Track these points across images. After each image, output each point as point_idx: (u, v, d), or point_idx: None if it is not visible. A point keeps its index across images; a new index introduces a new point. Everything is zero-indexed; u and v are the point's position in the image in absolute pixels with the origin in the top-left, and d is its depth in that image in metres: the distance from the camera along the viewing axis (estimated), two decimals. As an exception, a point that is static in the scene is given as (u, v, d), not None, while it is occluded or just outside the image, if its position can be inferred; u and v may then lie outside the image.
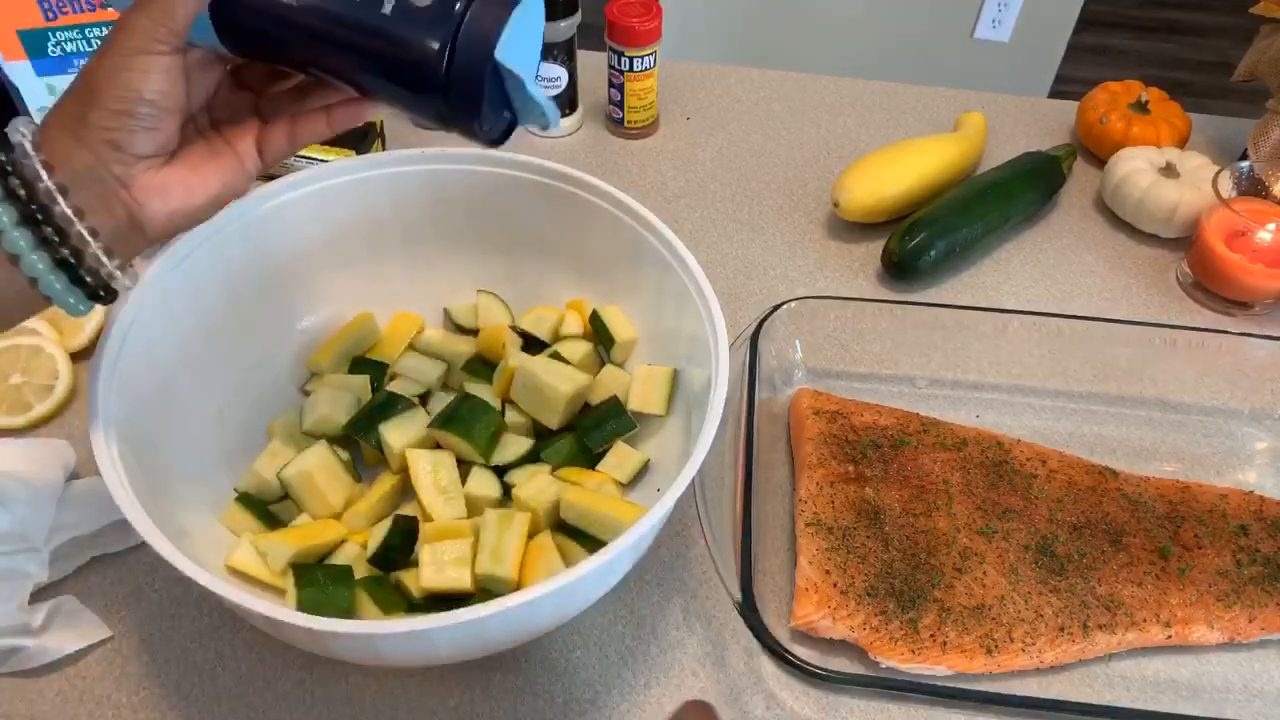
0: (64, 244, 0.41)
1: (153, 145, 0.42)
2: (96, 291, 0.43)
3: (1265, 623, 0.59)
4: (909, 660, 0.56)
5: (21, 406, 0.68)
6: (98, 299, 0.43)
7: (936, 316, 0.72)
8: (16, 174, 0.40)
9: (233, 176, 0.47)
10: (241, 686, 0.57)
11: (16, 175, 0.40)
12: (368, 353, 0.70)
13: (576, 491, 0.60)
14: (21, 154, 0.40)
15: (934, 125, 0.99)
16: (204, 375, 0.63)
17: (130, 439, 0.53)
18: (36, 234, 0.40)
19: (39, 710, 0.56)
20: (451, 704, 0.57)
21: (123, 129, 0.41)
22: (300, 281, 0.69)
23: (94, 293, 0.43)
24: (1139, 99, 0.93)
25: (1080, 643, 0.58)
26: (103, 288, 0.43)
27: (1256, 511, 0.64)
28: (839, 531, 0.61)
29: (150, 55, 0.41)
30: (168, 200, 0.44)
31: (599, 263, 0.69)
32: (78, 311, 0.43)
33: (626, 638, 0.60)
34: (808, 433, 0.67)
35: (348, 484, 0.62)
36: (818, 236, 0.87)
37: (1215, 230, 0.80)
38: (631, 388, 0.65)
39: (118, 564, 0.62)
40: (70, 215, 0.41)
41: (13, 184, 0.40)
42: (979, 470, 0.65)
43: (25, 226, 0.40)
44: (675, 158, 0.95)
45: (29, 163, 0.40)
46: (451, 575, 0.56)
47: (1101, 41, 2.62)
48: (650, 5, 0.89)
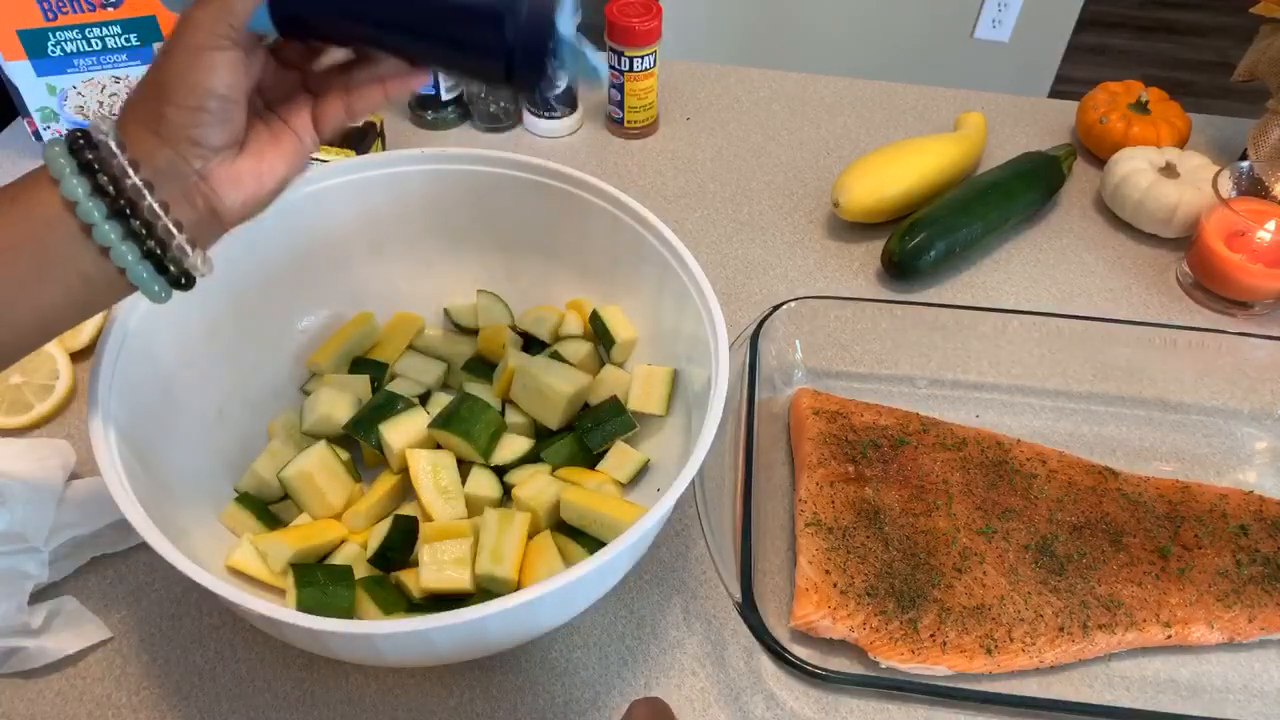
0: (150, 236, 0.43)
1: (226, 137, 0.44)
2: (178, 279, 0.45)
3: (1265, 623, 0.59)
4: (909, 660, 0.56)
5: (21, 406, 0.68)
6: (178, 286, 0.45)
7: (936, 316, 0.72)
8: (104, 171, 0.42)
9: (296, 157, 0.49)
10: (241, 686, 0.57)
11: (104, 173, 0.42)
12: (368, 353, 0.70)
13: (576, 491, 0.60)
14: (107, 152, 0.42)
15: (934, 125, 0.99)
16: (204, 375, 0.63)
17: (130, 439, 0.53)
18: (125, 227, 0.42)
19: (39, 710, 0.56)
20: (451, 704, 0.57)
21: (199, 125, 0.43)
22: (300, 282, 0.69)
23: (175, 280, 0.45)
24: (1139, 99, 0.93)
25: (1080, 643, 0.58)
26: (183, 275, 0.45)
27: (1256, 511, 0.64)
28: (839, 531, 0.61)
29: (215, 51, 0.42)
30: (242, 189, 0.46)
31: (599, 263, 0.69)
32: (159, 299, 0.45)
33: (626, 638, 0.60)
34: (808, 433, 0.67)
35: (348, 484, 0.62)
36: (818, 236, 0.87)
37: (1215, 230, 0.80)
38: (631, 388, 0.65)
39: (118, 564, 0.62)
40: (157, 209, 0.43)
41: (101, 180, 0.42)
42: (979, 470, 0.65)
43: (115, 219, 0.42)
44: (675, 158, 0.95)
45: (116, 161, 0.42)
46: (451, 575, 0.56)
47: (1101, 41, 2.62)
48: (650, 5, 0.89)
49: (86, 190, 0.42)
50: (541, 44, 0.44)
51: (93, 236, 0.42)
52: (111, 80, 0.86)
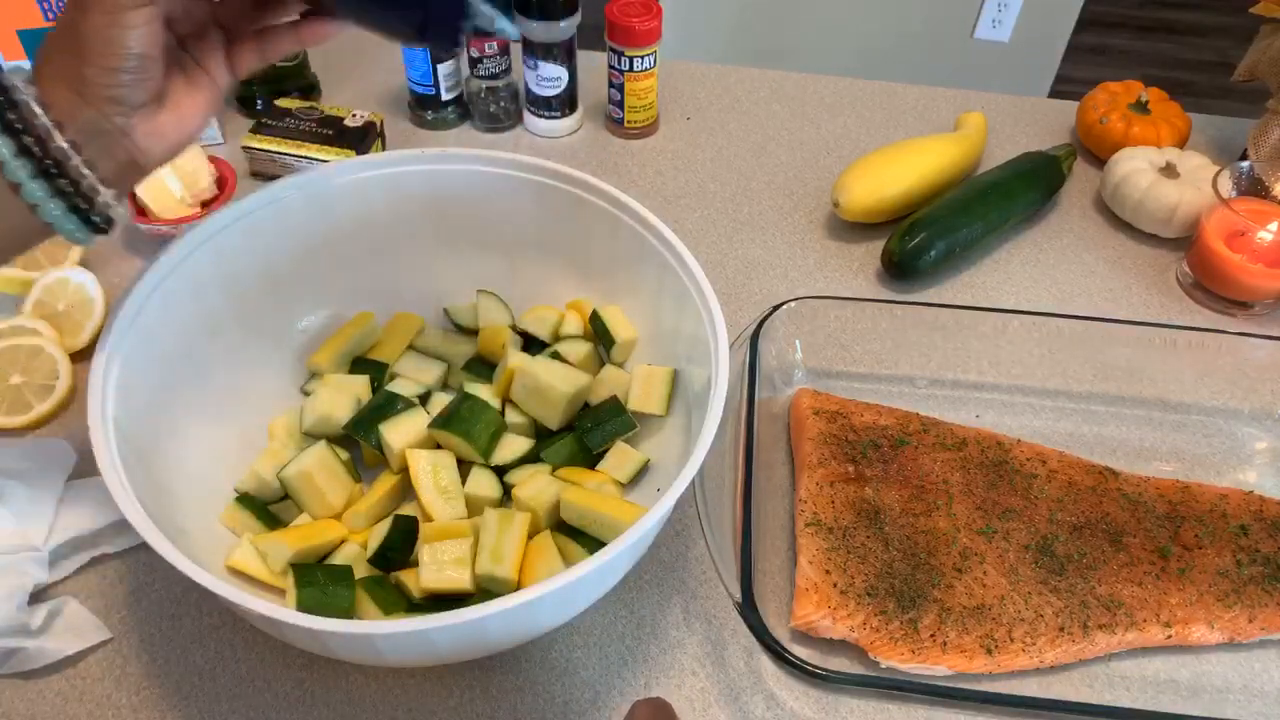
0: (77, 192, 0.43)
1: (147, 94, 0.44)
2: (99, 225, 0.45)
3: (1265, 623, 0.59)
4: (909, 660, 0.56)
5: (21, 406, 0.68)
6: (99, 231, 0.46)
7: (936, 316, 0.72)
8: (29, 132, 0.42)
9: (214, 102, 0.49)
10: (241, 686, 0.57)
11: (29, 134, 0.42)
12: (368, 353, 0.70)
13: (576, 491, 0.60)
14: (29, 113, 0.42)
15: (934, 125, 0.99)
16: (204, 375, 0.63)
17: (130, 439, 0.53)
18: (51, 185, 0.43)
19: (39, 710, 0.56)
20: (451, 704, 0.57)
21: (120, 85, 0.43)
22: (300, 281, 0.69)
23: (97, 226, 0.45)
24: (1139, 99, 0.93)
25: (1080, 643, 0.58)
26: (105, 220, 0.45)
27: (1256, 511, 0.64)
28: (839, 531, 0.61)
29: (133, 9, 0.42)
30: (164, 139, 0.46)
31: (599, 263, 0.69)
32: (76, 239, 0.45)
33: (626, 638, 0.60)
34: (808, 433, 0.67)
35: (348, 484, 0.62)
36: (818, 236, 0.87)
37: (1215, 230, 0.80)
38: (631, 388, 0.65)
39: (118, 564, 0.62)
40: (83, 169, 0.43)
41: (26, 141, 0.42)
42: (979, 470, 0.65)
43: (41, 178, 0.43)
44: (675, 158, 0.95)
45: (40, 122, 0.42)
46: (451, 575, 0.56)
47: (1101, 41, 2.62)
48: (650, 5, 0.89)
49: (11, 150, 0.42)
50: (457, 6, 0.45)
51: (20, 194, 0.43)
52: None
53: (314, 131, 0.89)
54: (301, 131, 0.89)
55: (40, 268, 0.76)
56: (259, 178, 0.90)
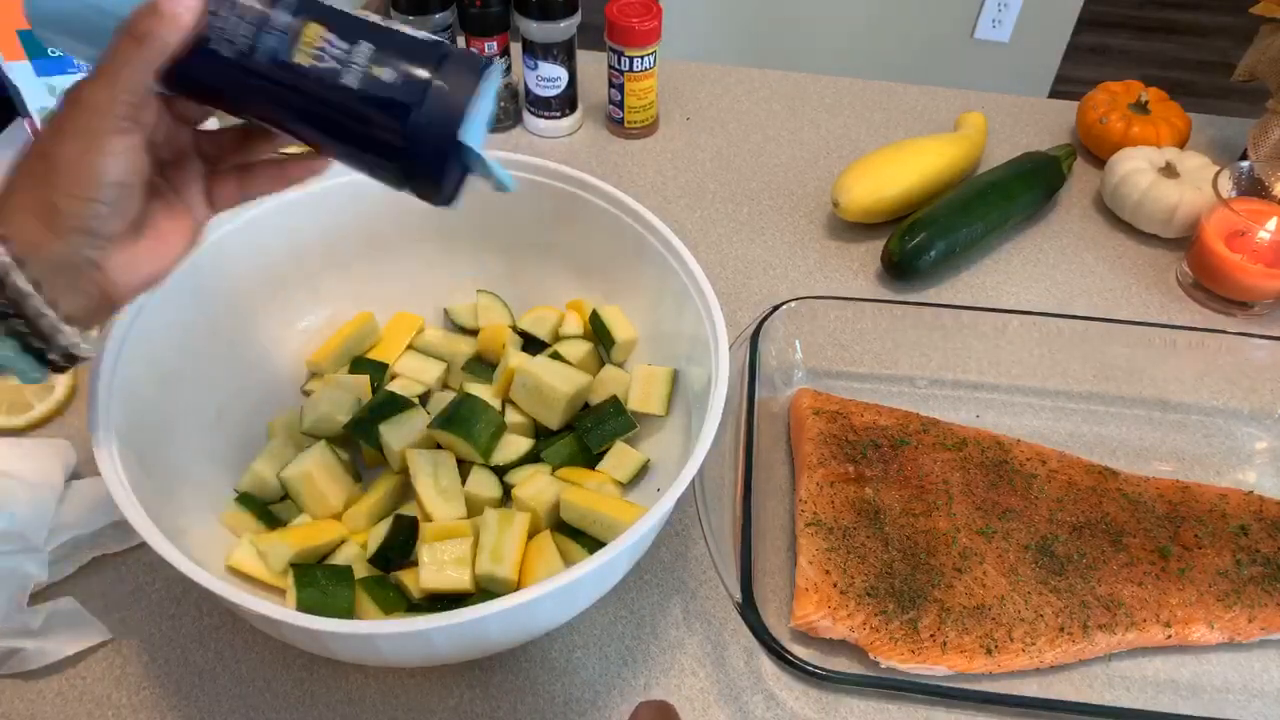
0: (34, 333, 0.40)
1: (122, 224, 0.41)
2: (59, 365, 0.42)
3: (1265, 623, 0.59)
4: (909, 660, 0.56)
5: (21, 406, 0.68)
6: (58, 370, 0.42)
7: (936, 316, 0.72)
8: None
9: (194, 234, 0.46)
10: (241, 687, 0.57)
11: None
12: (368, 353, 0.70)
13: (576, 491, 0.60)
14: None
15: (934, 125, 0.99)
16: (204, 375, 0.63)
17: (130, 439, 0.53)
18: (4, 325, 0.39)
19: (39, 710, 0.56)
20: (451, 704, 0.57)
21: (94, 216, 0.40)
22: (300, 281, 0.69)
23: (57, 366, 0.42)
24: (1139, 99, 0.93)
25: (1080, 643, 0.58)
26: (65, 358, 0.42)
27: (1256, 511, 0.64)
28: (839, 531, 0.61)
29: (112, 135, 0.39)
30: (138, 271, 0.43)
31: (599, 263, 0.69)
32: (31, 379, 0.42)
33: (626, 638, 0.60)
34: (808, 433, 0.67)
35: (348, 484, 0.62)
36: (818, 236, 0.87)
37: (1215, 230, 0.80)
38: (631, 388, 0.65)
39: (118, 564, 0.62)
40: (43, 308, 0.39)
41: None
42: (979, 470, 0.65)
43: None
44: (675, 158, 0.95)
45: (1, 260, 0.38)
46: (451, 575, 0.56)
47: (1101, 41, 2.62)
48: (650, 5, 0.89)
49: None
50: (443, 154, 0.42)
51: None
52: (111, 80, 0.85)
53: (314, 131, 0.89)
54: (301, 131, 0.89)
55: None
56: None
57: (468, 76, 0.42)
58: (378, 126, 0.42)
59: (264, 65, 0.41)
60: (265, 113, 0.44)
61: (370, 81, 0.41)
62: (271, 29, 0.41)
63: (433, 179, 0.44)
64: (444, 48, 0.42)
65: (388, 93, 0.41)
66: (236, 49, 0.41)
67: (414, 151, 0.42)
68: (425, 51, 0.42)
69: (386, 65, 0.41)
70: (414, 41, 0.42)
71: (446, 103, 0.41)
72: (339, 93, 0.41)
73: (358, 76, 0.41)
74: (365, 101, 0.41)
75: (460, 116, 0.42)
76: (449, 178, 0.44)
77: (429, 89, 0.41)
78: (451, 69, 0.42)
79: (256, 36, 0.41)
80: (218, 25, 0.40)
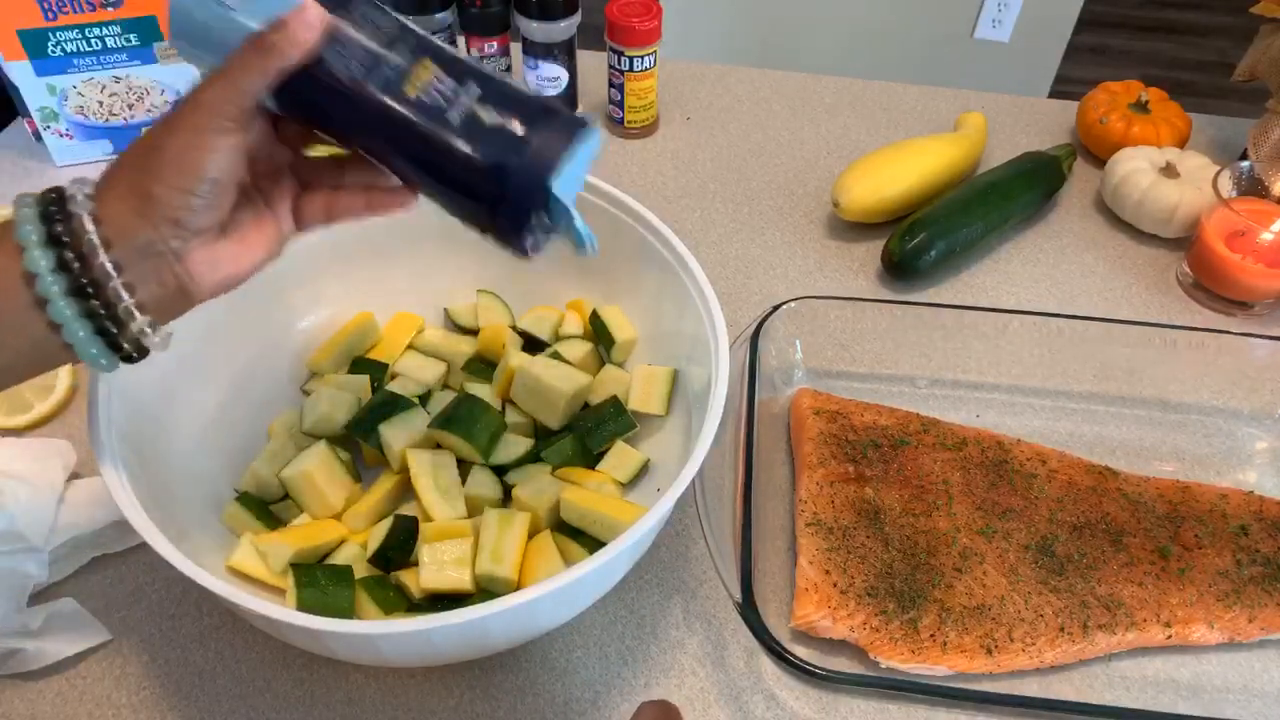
0: (109, 316, 0.41)
1: (212, 220, 0.43)
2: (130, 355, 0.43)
3: (1265, 623, 0.59)
4: (909, 660, 0.56)
5: (21, 406, 0.68)
6: (129, 360, 0.43)
7: (936, 316, 0.72)
8: (72, 246, 0.40)
9: (276, 244, 0.47)
10: (241, 687, 0.57)
11: (71, 248, 0.40)
12: (368, 353, 0.70)
13: (576, 491, 0.60)
14: (79, 225, 0.40)
15: (934, 125, 0.99)
16: (204, 375, 0.63)
17: (130, 439, 0.53)
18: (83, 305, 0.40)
19: (39, 710, 0.56)
20: (451, 704, 0.57)
21: (186, 208, 0.41)
22: (300, 281, 0.69)
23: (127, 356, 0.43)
24: (1139, 99, 0.93)
25: (1080, 643, 0.58)
26: (137, 350, 0.43)
27: (1256, 511, 0.64)
28: (839, 531, 0.61)
29: (219, 134, 0.41)
30: (218, 271, 0.44)
31: (599, 263, 0.69)
32: (100, 365, 0.43)
33: (626, 638, 0.60)
34: (808, 433, 0.67)
35: (348, 484, 0.62)
36: (818, 236, 0.87)
37: (1215, 230, 0.80)
38: (631, 388, 0.65)
39: (118, 564, 0.62)
40: (122, 291, 0.41)
41: (67, 256, 0.40)
42: (979, 470, 0.65)
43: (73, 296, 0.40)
44: (675, 158, 0.95)
45: (87, 236, 0.40)
46: (451, 575, 0.56)
47: (1101, 41, 2.63)
48: (650, 5, 0.89)
49: (50, 264, 0.40)
50: (531, 200, 0.44)
51: (47, 311, 0.40)
52: (112, 80, 0.86)
53: (314, 131, 0.89)
54: (301, 131, 0.89)
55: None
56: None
57: (566, 132, 0.43)
58: (472, 168, 0.43)
59: (373, 93, 0.42)
60: (364, 139, 0.45)
61: (473, 123, 0.43)
62: (387, 62, 0.43)
63: (516, 227, 0.45)
64: (546, 102, 0.44)
65: (488, 135, 0.43)
66: (350, 74, 0.42)
67: (502, 196, 0.44)
68: (529, 103, 0.44)
69: (491, 110, 0.43)
70: (520, 93, 0.44)
71: (543, 154, 0.43)
72: (441, 128, 0.43)
73: (461, 116, 0.42)
74: (464, 141, 0.43)
75: (553, 169, 0.43)
76: (532, 228, 0.45)
77: (529, 138, 0.43)
78: (551, 124, 0.43)
79: (372, 64, 0.42)
80: (338, 49, 0.42)
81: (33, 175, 0.90)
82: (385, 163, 0.46)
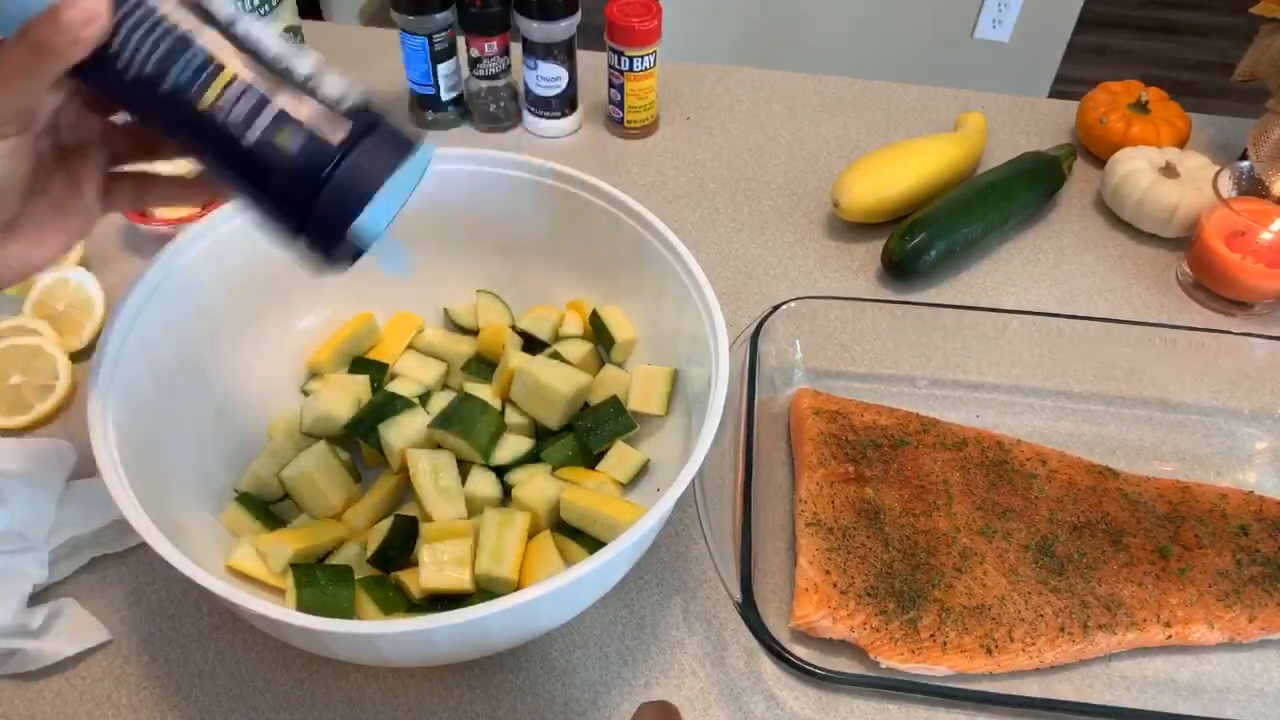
0: None
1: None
2: None
3: (1265, 623, 0.59)
4: (909, 660, 0.56)
5: (21, 406, 0.68)
6: None
7: (936, 316, 0.72)
8: None
9: (75, 235, 0.43)
10: (241, 687, 0.57)
11: None
12: (368, 353, 0.70)
13: (576, 491, 0.60)
14: None
15: (934, 125, 0.99)
16: (204, 375, 0.63)
17: (130, 439, 0.53)
18: None
19: (39, 710, 0.56)
20: (451, 704, 0.57)
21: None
22: (300, 281, 0.69)
23: None
24: (1139, 99, 0.93)
25: (1080, 643, 0.58)
26: None
27: (1256, 511, 0.64)
28: (839, 531, 0.61)
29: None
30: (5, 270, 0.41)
31: (599, 263, 0.69)
32: None
33: (626, 638, 0.60)
34: (808, 433, 0.67)
35: (348, 484, 0.62)
36: (818, 236, 0.87)
37: (1215, 230, 0.80)
38: (631, 388, 0.65)
39: (118, 564, 0.62)
40: None
41: None
42: (979, 470, 0.65)
43: None
44: (675, 158, 0.95)
45: None
46: (451, 575, 0.56)
47: (1101, 41, 2.63)
48: (650, 5, 0.89)
49: None
50: (337, 229, 0.40)
51: None
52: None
53: (314, 131, 0.89)
54: (301, 131, 0.89)
55: (40, 268, 0.75)
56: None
57: (386, 155, 0.39)
58: (274, 190, 0.39)
59: (169, 94, 0.38)
60: (167, 136, 0.41)
61: (272, 144, 0.38)
62: (183, 62, 0.38)
63: (321, 252, 0.41)
64: (371, 118, 0.39)
65: (289, 159, 0.38)
66: (143, 73, 0.37)
67: (306, 223, 0.40)
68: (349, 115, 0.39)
69: (297, 131, 0.38)
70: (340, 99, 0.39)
71: (353, 181, 0.39)
72: (240, 146, 0.38)
73: (261, 136, 0.38)
74: (266, 161, 0.38)
75: (364, 199, 0.39)
76: (339, 254, 0.42)
77: (338, 166, 0.38)
78: (372, 144, 0.39)
79: (166, 65, 0.37)
80: (128, 41, 0.37)
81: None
82: (192, 159, 0.42)
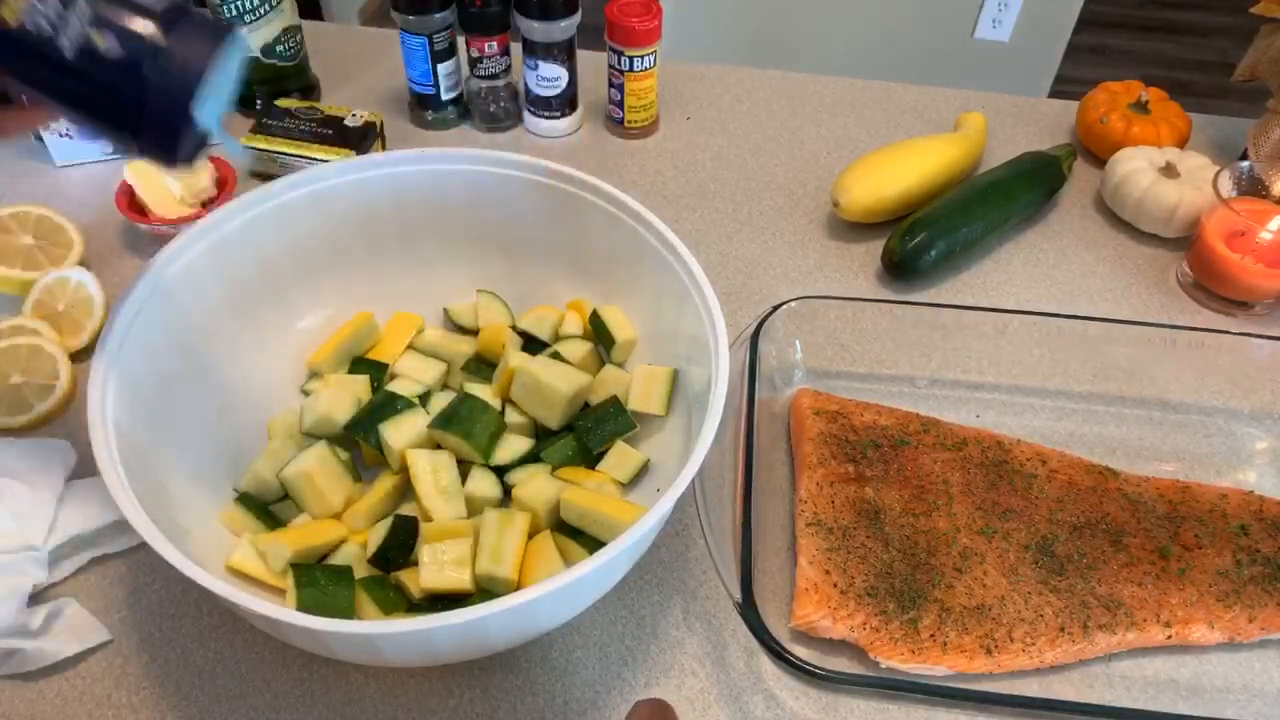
0: None
1: None
2: None
3: (1265, 623, 0.59)
4: (909, 660, 0.56)
5: (21, 406, 0.68)
6: None
7: (936, 316, 0.72)
8: None
9: None
10: (241, 687, 0.57)
11: None
12: (368, 353, 0.70)
13: (576, 491, 0.60)
14: None
15: (934, 125, 0.99)
16: (204, 375, 0.63)
17: (130, 439, 0.53)
18: None
19: (39, 710, 0.56)
20: (451, 704, 0.57)
21: None
22: (300, 281, 0.69)
23: None
24: (1139, 99, 0.93)
25: (1080, 643, 0.58)
26: None
27: (1256, 511, 0.64)
28: (839, 531, 0.61)
29: None
30: None
31: (599, 263, 0.69)
32: None
33: (626, 638, 0.60)
34: (808, 433, 0.67)
35: (348, 484, 0.62)
36: (818, 236, 0.87)
37: (1215, 230, 0.80)
38: (631, 388, 0.65)
39: (118, 564, 0.62)
40: None
41: None
42: (979, 470, 0.65)
43: None
44: (675, 158, 0.95)
45: None
46: (451, 575, 0.56)
47: (1101, 41, 2.63)
48: (650, 5, 0.89)
49: None
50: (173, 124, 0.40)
51: None
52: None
53: (314, 131, 0.89)
54: (301, 131, 0.89)
55: (40, 268, 0.76)
56: (259, 178, 0.90)
57: (204, 43, 0.39)
58: (99, 96, 0.39)
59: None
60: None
61: (87, 49, 0.37)
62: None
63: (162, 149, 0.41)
64: (177, 10, 0.39)
65: (108, 61, 0.38)
66: None
67: (139, 123, 0.40)
68: (155, 12, 0.38)
69: (109, 29, 0.38)
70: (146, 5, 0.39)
71: (176, 73, 0.38)
72: (54, 57, 0.37)
73: (74, 43, 0.37)
74: (84, 69, 0.38)
75: (192, 89, 0.39)
76: (181, 147, 0.41)
77: (155, 57, 0.38)
78: (185, 34, 0.39)
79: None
80: None
81: (33, 175, 0.90)
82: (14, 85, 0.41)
